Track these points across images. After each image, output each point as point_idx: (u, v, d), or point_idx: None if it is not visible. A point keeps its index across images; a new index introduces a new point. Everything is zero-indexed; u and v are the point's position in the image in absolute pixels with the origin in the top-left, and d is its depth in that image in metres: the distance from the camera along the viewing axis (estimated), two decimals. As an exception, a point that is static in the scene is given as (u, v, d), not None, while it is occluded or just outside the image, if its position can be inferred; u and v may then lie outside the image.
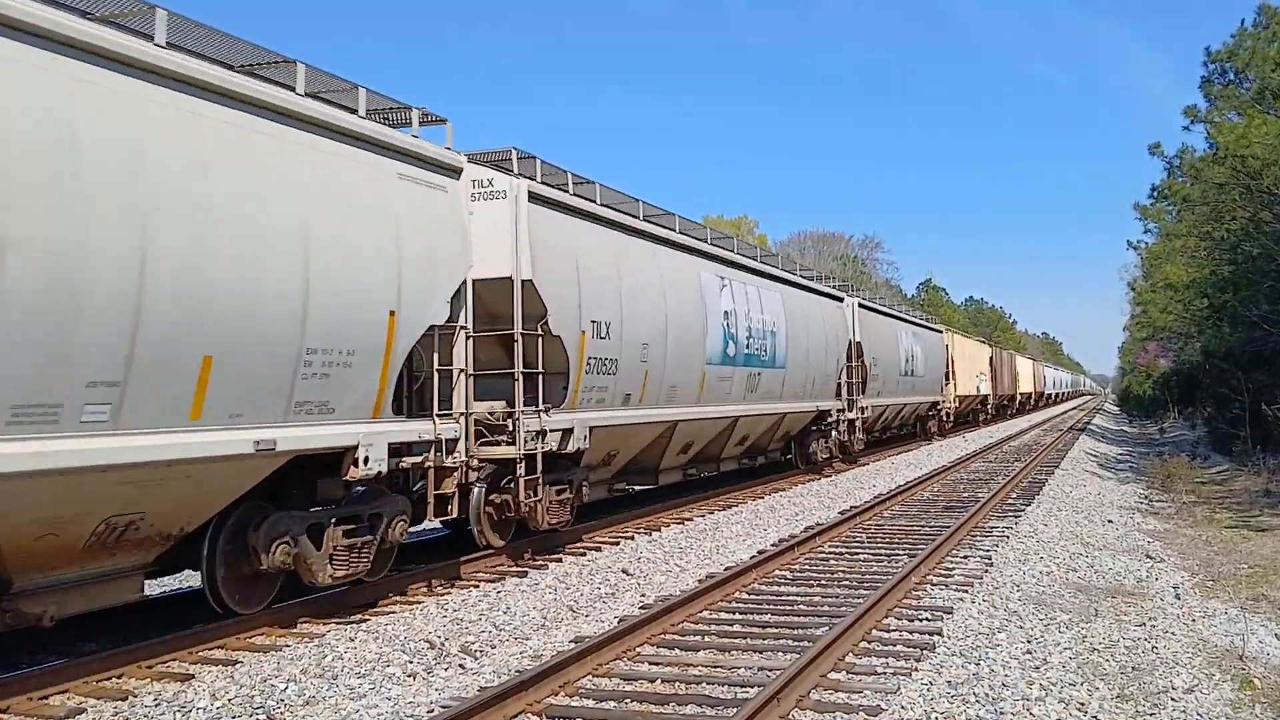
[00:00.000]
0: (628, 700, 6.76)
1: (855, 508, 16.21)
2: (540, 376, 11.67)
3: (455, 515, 10.40)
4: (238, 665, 7.68)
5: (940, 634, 8.35)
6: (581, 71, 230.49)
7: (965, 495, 18.50)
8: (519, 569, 11.52)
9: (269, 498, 8.62)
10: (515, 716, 6.37)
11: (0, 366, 6.00)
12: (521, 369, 11.52)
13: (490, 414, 11.39)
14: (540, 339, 11.65)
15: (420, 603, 9.82)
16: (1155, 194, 28.47)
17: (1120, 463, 30.73)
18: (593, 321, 12.59)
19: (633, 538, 13.86)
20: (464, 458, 10.37)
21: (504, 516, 11.79)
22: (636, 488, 16.32)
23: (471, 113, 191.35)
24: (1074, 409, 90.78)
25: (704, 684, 7.10)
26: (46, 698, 6.89)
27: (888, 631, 8.55)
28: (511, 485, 11.60)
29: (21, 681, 6.91)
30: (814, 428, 23.06)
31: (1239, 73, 25.26)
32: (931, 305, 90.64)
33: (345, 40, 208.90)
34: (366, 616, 9.26)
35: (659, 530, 14.53)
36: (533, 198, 11.76)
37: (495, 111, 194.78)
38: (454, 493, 10.23)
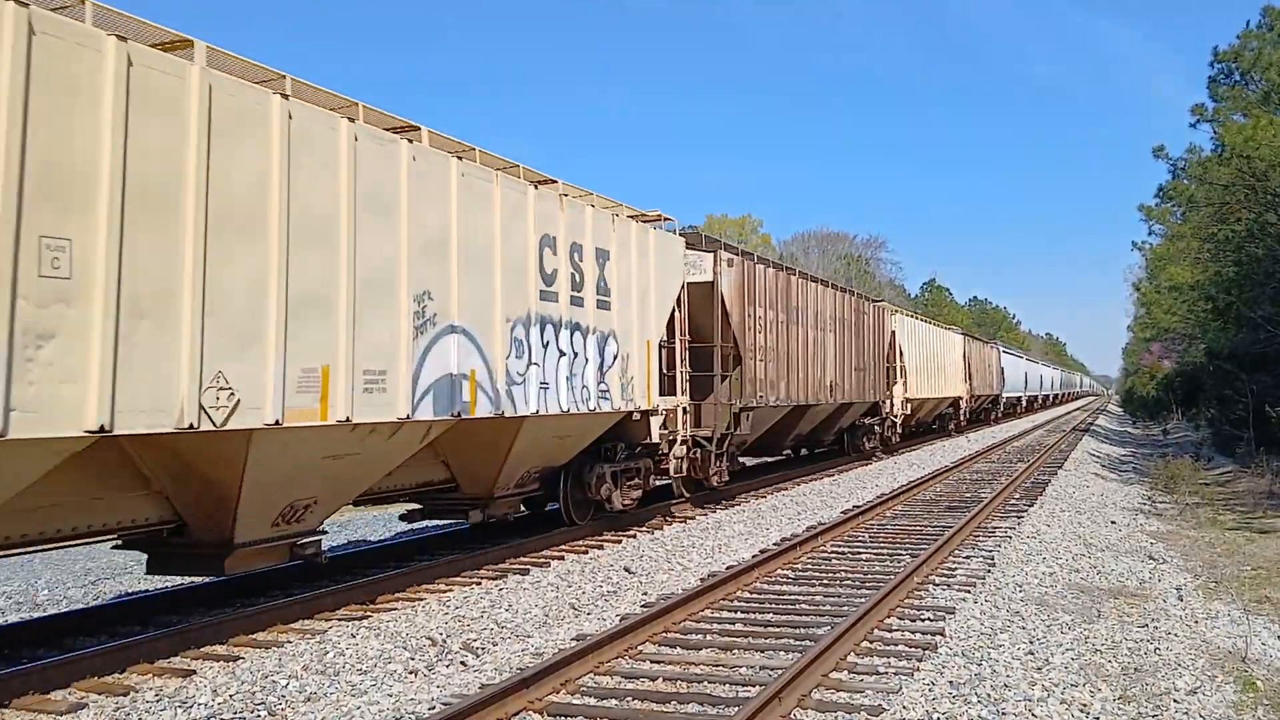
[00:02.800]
0: (629, 699, 6.75)
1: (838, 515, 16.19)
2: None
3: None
4: (239, 661, 7.68)
5: (942, 634, 8.34)
6: (586, 71, 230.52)
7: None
8: (520, 566, 11.53)
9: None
10: (517, 714, 6.36)
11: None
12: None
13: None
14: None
15: (422, 599, 9.82)
16: (1160, 195, 28.46)
17: (1123, 464, 30.69)
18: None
19: (635, 536, 13.87)
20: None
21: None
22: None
23: (472, 111, 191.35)
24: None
25: (706, 683, 7.10)
26: (48, 694, 6.89)
27: (890, 631, 8.54)
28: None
29: (23, 677, 6.91)
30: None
31: (1245, 73, 25.23)
32: (935, 305, 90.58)
33: (347, 39, 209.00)
34: (368, 613, 9.27)
35: (661, 529, 14.54)
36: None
37: (495, 110, 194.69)
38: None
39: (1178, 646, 8.27)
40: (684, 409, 15.40)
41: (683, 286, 15.43)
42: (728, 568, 11.17)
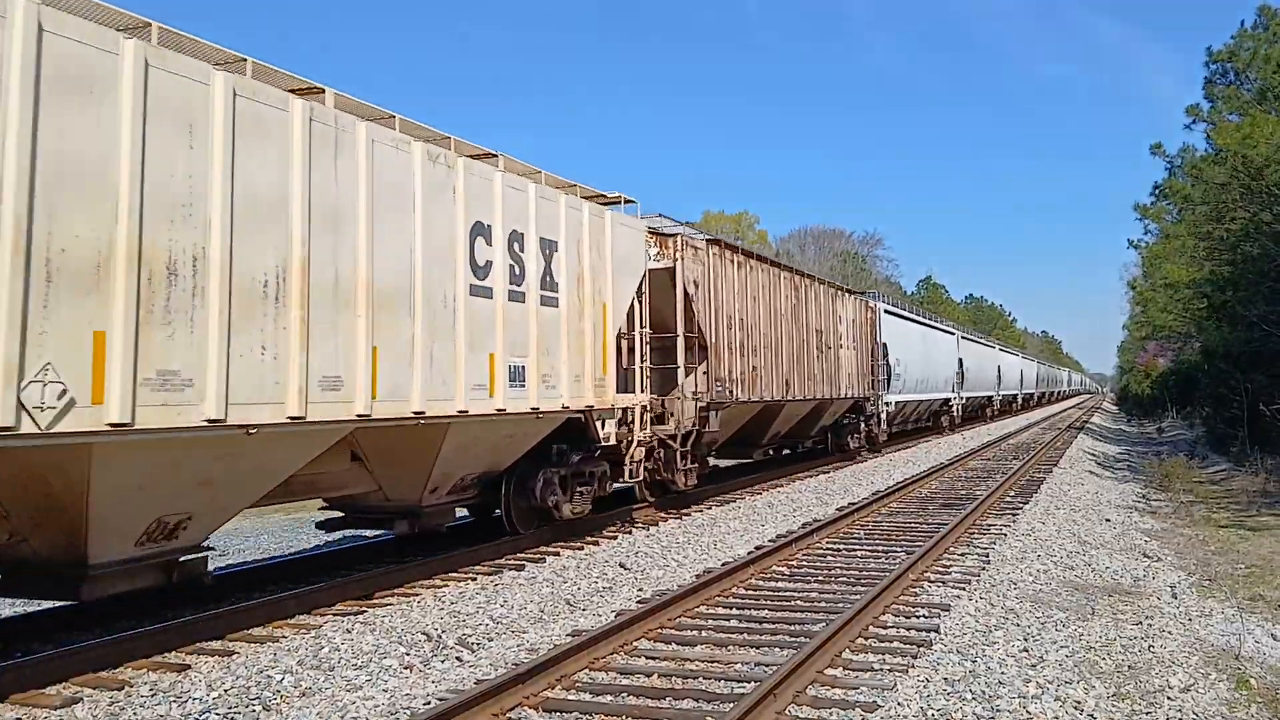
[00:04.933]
0: (624, 694, 6.76)
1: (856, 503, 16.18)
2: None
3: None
4: (234, 656, 7.68)
5: (937, 631, 8.35)
6: (584, 69, 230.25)
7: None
8: (516, 563, 11.53)
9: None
10: (512, 709, 6.36)
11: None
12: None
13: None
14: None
15: (418, 595, 9.82)
16: (1156, 193, 28.52)
17: (1118, 462, 30.74)
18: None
19: (630, 532, 13.87)
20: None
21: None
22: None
23: (472, 109, 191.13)
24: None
25: (701, 679, 7.11)
26: (43, 688, 6.88)
27: (885, 628, 8.55)
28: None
29: (17, 672, 6.90)
30: None
31: (1240, 73, 25.27)
32: (931, 302, 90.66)
33: (350, 37, 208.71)
34: (363, 608, 9.26)
35: (656, 525, 14.55)
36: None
37: (493, 108, 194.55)
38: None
39: (1172, 644, 8.29)
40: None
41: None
42: (723, 564, 11.17)
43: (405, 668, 7.45)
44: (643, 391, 14.37)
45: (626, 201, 14.11)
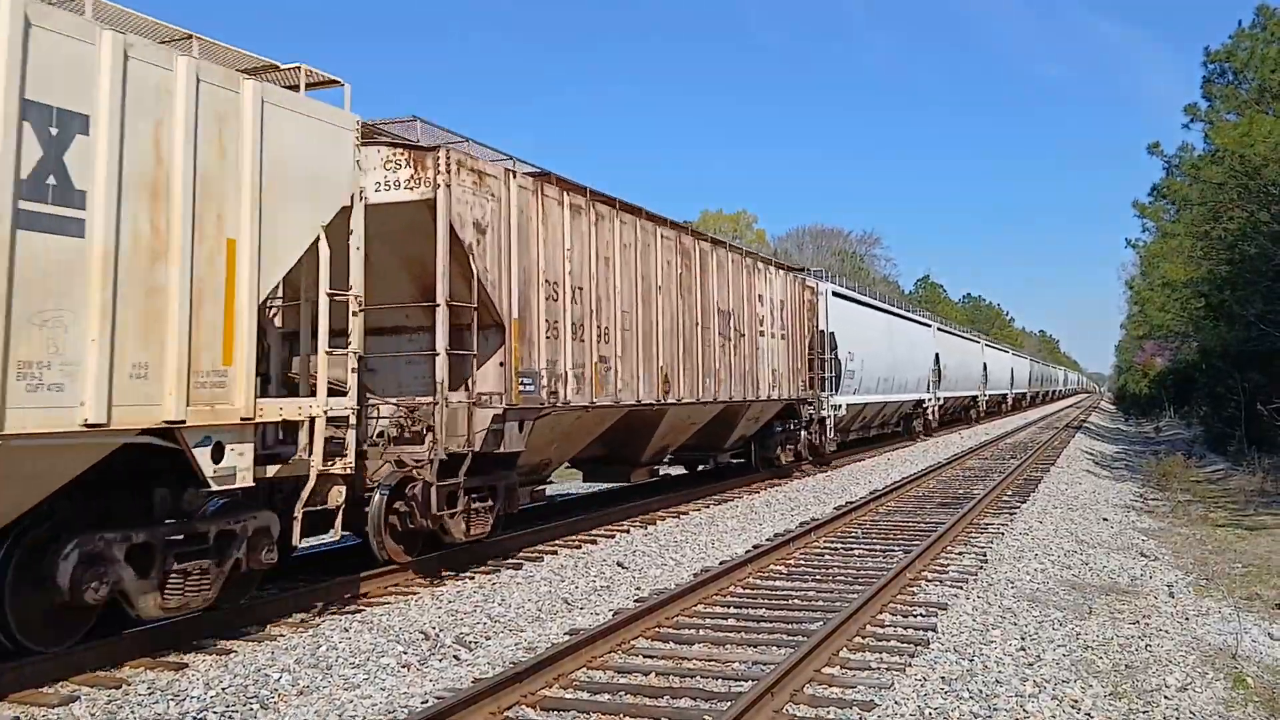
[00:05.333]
0: (622, 693, 6.76)
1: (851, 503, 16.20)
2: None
3: None
4: (232, 655, 7.68)
5: (935, 630, 8.36)
6: (581, 66, 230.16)
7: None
8: (513, 562, 11.52)
9: None
10: (510, 708, 6.36)
11: None
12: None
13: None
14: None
15: (415, 594, 9.82)
16: (1154, 193, 28.53)
17: (1116, 461, 30.76)
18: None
19: (628, 531, 13.87)
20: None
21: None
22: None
23: (468, 108, 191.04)
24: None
25: (698, 677, 7.11)
26: (40, 686, 6.88)
27: (882, 627, 8.55)
28: None
29: (15, 670, 6.89)
30: None
31: (1238, 73, 25.29)
32: (929, 302, 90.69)
33: (350, 33, 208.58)
34: (361, 607, 9.26)
35: (654, 524, 14.55)
36: (834, 294, 22.64)
37: (491, 105, 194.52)
38: None
39: (1169, 643, 8.30)
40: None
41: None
42: (721, 563, 11.18)
43: (403, 666, 7.45)
44: (333, 393, 8.81)
45: (327, 83, 9.09)
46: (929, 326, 39.59)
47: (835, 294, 26.13)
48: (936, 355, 38.61)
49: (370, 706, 6.51)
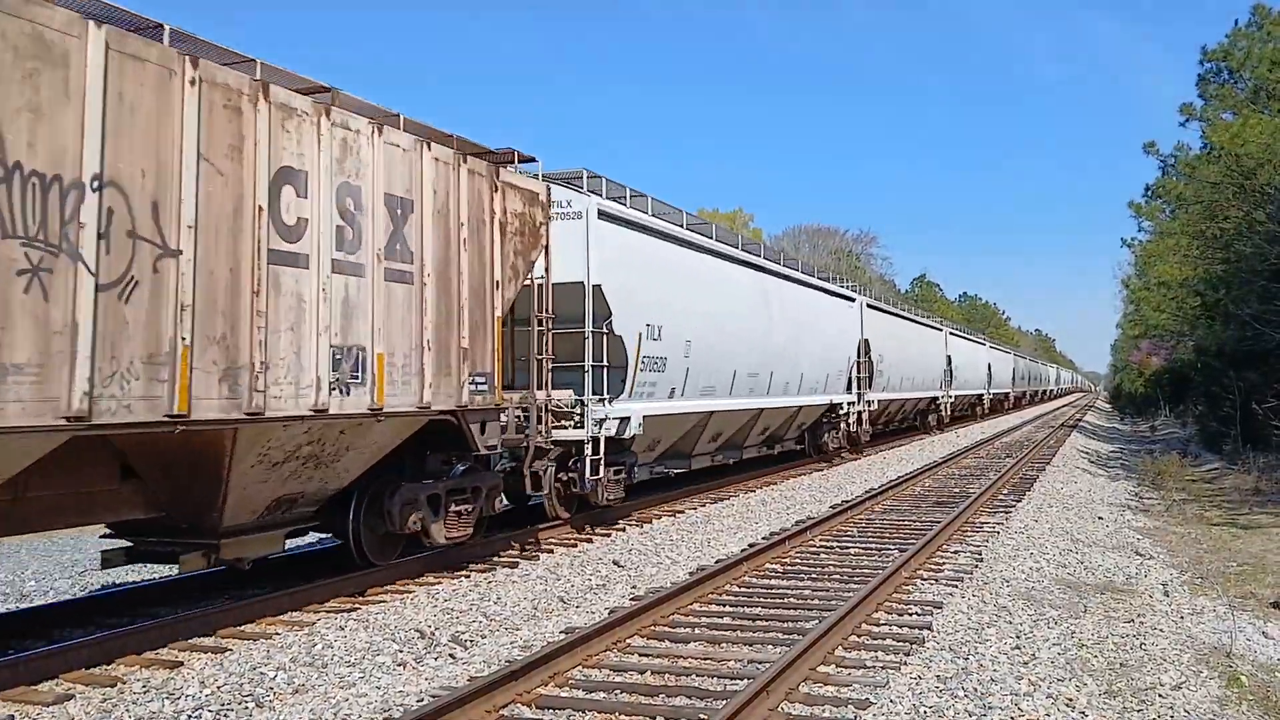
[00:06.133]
0: (618, 691, 6.76)
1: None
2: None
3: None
4: (227, 653, 7.67)
5: (930, 628, 8.37)
6: (578, 64, 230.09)
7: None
8: (509, 559, 11.53)
9: None
10: (505, 706, 6.37)
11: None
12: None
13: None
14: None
15: (411, 592, 9.81)
16: (1150, 192, 28.58)
17: (1111, 460, 30.81)
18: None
19: (624, 530, 13.88)
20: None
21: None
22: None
23: (462, 104, 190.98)
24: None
25: (694, 676, 7.11)
26: (35, 684, 6.87)
27: (877, 625, 8.56)
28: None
29: (10, 668, 6.89)
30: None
31: (1234, 72, 25.33)
32: (925, 301, 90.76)
33: (347, 29, 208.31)
34: (356, 605, 9.25)
35: (650, 522, 14.55)
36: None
37: (489, 103, 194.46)
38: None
39: (1163, 642, 8.32)
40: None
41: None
42: (716, 561, 11.18)
43: (399, 665, 7.45)
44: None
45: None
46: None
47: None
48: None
49: (366, 705, 6.51)
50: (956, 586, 10.07)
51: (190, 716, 6.31)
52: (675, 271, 15.72)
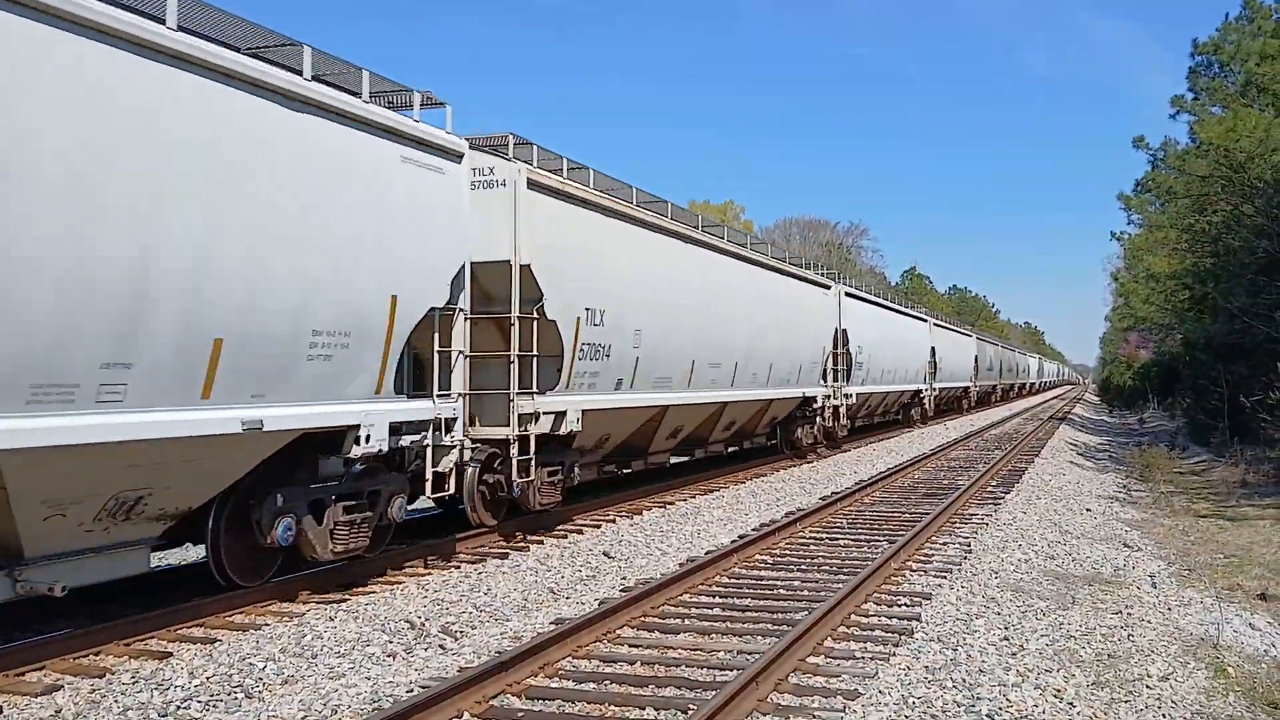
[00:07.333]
0: (607, 681, 6.77)
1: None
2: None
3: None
4: (216, 644, 7.65)
5: (919, 619, 8.39)
6: (573, 56, 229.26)
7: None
8: (500, 551, 11.52)
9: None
10: (495, 697, 6.36)
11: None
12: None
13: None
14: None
15: (401, 583, 9.80)
16: (1139, 185, 28.67)
17: (1100, 452, 30.93)
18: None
19: (614, 520, 13.88)
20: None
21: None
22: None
23: (457, 92, 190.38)
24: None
25: (683, 666, 7.12)
26: (23, 674, 6.85)
27: (866, 616, 8.59)
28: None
29: (-3, 658, 6.86)
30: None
31: (1224, 65, 25.38)
32: (915, 293, 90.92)
33: (343, 22, 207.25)
34: (346, 596, 9.24)
35: (640, 514, 14.55)
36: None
37: (484, 92, 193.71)
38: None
39: (1151, 633, 8.36)
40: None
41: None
42: (706, 552, 11.20)
43: (388, 655, 7.44)
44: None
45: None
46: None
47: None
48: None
49: (355, 695, 6.50)
50: (945, 578, 10.10)
51: (179, 707, 6.29)
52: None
